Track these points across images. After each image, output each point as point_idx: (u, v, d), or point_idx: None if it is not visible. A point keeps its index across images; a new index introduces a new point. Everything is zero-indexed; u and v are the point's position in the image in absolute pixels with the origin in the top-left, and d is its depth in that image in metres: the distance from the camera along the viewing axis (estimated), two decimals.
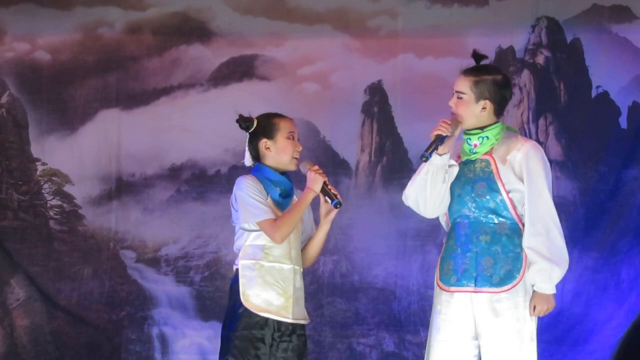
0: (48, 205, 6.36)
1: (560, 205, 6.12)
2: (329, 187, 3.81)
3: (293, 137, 3.88)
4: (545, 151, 6.21)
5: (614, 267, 5.95)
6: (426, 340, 6.12)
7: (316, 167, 3.84)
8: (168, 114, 6.35)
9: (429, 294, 6.16)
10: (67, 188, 6.37)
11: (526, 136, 6.19)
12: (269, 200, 3.82)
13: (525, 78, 6.27)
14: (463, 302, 3.72)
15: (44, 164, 6.38)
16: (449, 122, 3.74)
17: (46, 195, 6.36)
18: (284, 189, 3.86)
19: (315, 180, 3.79)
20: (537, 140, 6.21)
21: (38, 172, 6.37)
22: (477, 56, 3.80)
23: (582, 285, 5.96)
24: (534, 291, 3.67)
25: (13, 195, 6.34)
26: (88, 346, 6.26)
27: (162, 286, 6.32)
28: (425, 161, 3.72)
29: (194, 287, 6.29)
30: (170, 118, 6.35)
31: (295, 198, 3.89)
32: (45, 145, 6.39)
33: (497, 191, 3.69)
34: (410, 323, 6.17)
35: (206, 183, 6.31)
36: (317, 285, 6.25)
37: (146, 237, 6.33)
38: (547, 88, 6.27)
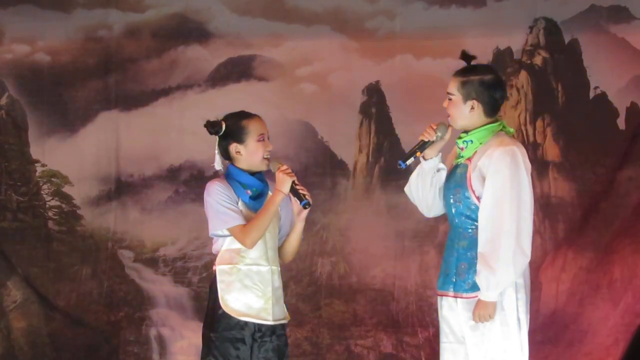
0: (47, 205, 6.37)
1: (558, 206, 6.15)
2: (298, 186, 3.75)
3: (263, 139, 3.83)
4: (542, 152, 6.30)
5: (607, 266, 5.93)
6: (424, 341, 6.19)
7: (284, 167, 3.78)
8: (166, 115, 6.36)
9: (427, 294, 6.16)
10: (66, 189, 6.38)
11: (524, 137, 6.18)
12: (240, 203, 3.79)
13: (522, 79, 6.26)
14: (449, 305, 3.74)
15: (43, 165, 6.40)
16: (434, 127, 3.72)
17: (45, 196, 6.37)
18: (255, 190, 3.83)
19: (283, 181, 3.74)
20: (535, 142, 6.21)
21: (37, 174, 6.39)
22: (466, 57, 3.80)
23: (577, 285, 5.95)
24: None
25: (12, 197, 6.36)
26: (86, 348, 6.27)
27: (160, 286, 6.32)
28: (400, 168, 3.73)
29: (191, 287, 6.30)
30: (169, 119, 6.36)
31: (270, 193, 3.85)
32: (46, 147, 6.41)
33: (469, 198, 3.68)
34: (408, 324, 6.16)
35: (204, 184, 6.26)
36: (315, 287, 6.24)
37: (144, 237, 6.34)
38: (545, 89, 6.26)
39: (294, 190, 3.76)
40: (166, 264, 6.34)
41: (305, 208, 3.76)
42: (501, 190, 3.60)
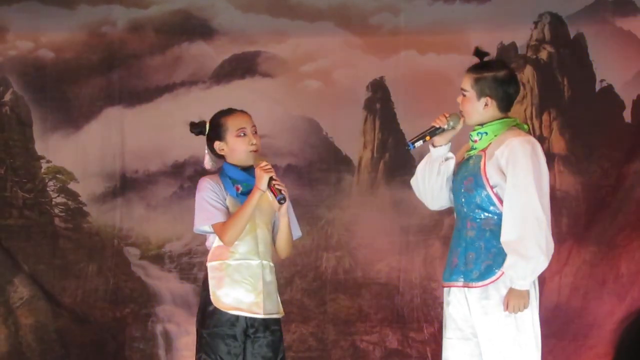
0: (53, 202, 6.38)
1: (563, 200, 6.14)
2: (275, 182, 3.72)
3: (244, 134, 3.81)
4: (548, 146, 6.28)
5: (613, 261, 5.92)
6: (429, 337, 6.19)
7: (264, 163, 3.76)
8: (171, 111, 6.36)
9: (432, 287, 6.18)
10: (72, 185, 6.39)
11: (530, 132, 6.15)
12: (228, 199, 3.80)
13: (528, 74, 6.25)
14: (458, 297, 3.72)
15: (48, 161, 6.41)
16: (447, 115, 3.73)
17: (51, 192, 6.38)
18: (246, 185, 3.81)
19: (261, 178, 3.72)
20: (541, 136, 6.20)
21: (42, 170, 6.40)
22: (479, 54, 3.79)
23: (580, 279, 5.95)
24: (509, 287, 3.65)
25: (18, 193, 6.37)
26: (93, 344, 6.28)
27: (165, 283, 6.33)
28: (407, 149, 3.75)
29: (197, 284, 6.28)
30: (173, 115, 6.34)
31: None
32: (50, 143, 6.41)
33: (483, 186, 3.68)
34: (414, 319, 6.17)
35: None
36: (320, 282, 6.25)
37: (150, 234, 6.35)
38: (550, 83, 6.24)
39: (270, 187, 3.73)
40: (172, 259, 6.35)
41: (280, 203, 3.73)
42: (526, 178, 3.58)
